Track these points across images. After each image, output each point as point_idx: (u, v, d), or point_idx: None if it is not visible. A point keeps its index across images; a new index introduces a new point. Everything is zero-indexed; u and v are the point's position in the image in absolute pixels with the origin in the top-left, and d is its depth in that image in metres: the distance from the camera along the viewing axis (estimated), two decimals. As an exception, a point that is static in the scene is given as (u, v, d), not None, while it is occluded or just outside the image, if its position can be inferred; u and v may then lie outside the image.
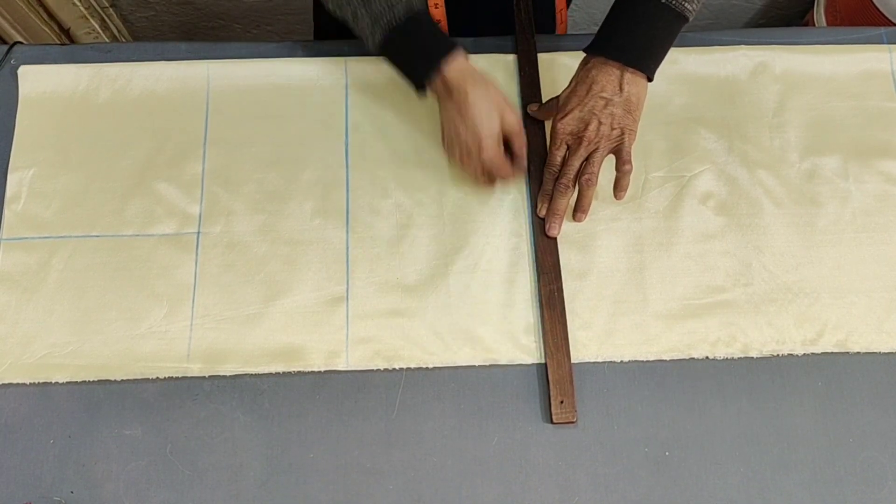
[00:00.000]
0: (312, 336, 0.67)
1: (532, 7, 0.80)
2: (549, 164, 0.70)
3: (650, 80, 0.68)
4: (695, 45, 0.79)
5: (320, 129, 0.75)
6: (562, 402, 0.65)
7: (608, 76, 0.66)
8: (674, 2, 0.65)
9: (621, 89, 0.66)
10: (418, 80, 0.68)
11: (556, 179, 0.70)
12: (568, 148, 0.69)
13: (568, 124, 0.68)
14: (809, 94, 0.77)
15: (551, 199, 0.70)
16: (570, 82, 0.69)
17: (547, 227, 0.70)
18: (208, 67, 0.77)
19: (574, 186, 0.70)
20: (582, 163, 0.69)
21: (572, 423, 0.65)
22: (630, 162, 0.69)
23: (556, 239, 0.70)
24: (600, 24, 0.69)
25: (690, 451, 0.65)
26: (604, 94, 0.66)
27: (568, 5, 0.87)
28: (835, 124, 0.76)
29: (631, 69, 0.66)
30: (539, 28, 0.80)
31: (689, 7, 0.66)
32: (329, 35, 0.85)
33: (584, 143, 0.68)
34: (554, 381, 0.65)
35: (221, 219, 0.71)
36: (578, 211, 0.71)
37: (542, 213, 0.71)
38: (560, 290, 0.68)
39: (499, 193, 0.73)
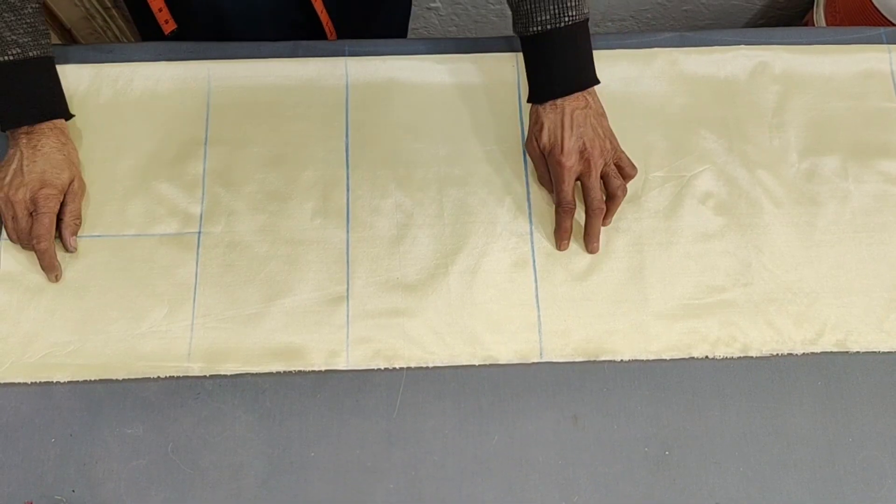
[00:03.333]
0: (313, 336, 0.68)
1: None
2: (563, 203, 0.69)
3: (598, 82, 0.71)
4: (695, 44, 0.79)
5: (320, 129, 0.75)
6: None
7: (574, 102, 0.69)
8: (572, 15, 0.67)
9: (588, 105, 0.69)
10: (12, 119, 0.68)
11: (590, 207, 0.69)
12: (577, 179, 0.69)
13: (570, 156, 0.68)
14: (809, 94, 0.78)
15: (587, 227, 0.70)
16: (537, 126, 0.70)
17: (561, 244, 0.71)
18: (209, 68, 0.77)
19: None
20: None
21: None
22: (635, 167, 0.71)
23: None
24: (530, 69, 0.71)
25: (690, 451, 0.65)
26: (579, 117, 0.68)
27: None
28: (834, 124, 0.77)
29: (585, 89, 0.69)
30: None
31: (583, 10, 0.68)
32: None
33: (594, 164, 0.68)
34: None
35: (222, 219, 0.71)
36: (594, 241, 0.70)
37: (566, 247, 0.71)
38: None
39: (499, 193, 0.73)
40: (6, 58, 0.67)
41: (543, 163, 0.71)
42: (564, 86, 0.69)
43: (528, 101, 0.72)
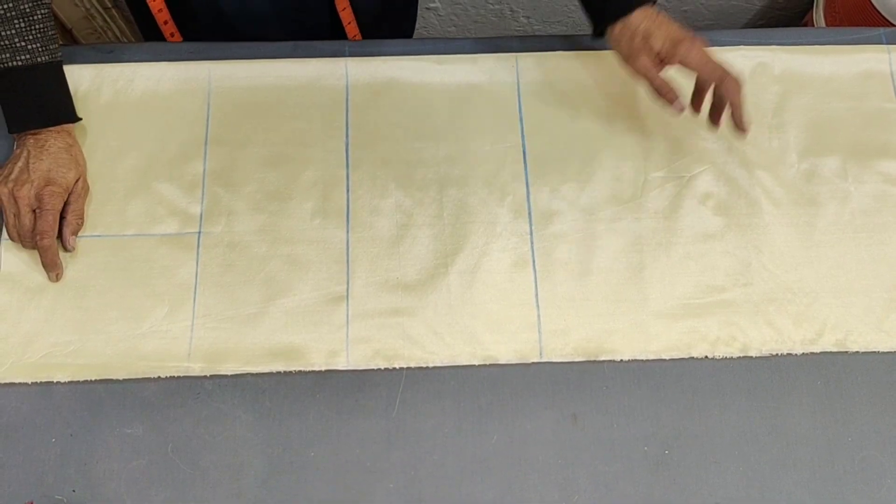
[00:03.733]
0: (313, 335, 0.68)
1: None
2: (726, 74, 0.67)
3: None
4: (694, 45, 0.79)
5: (320, 129, 0.75)
6: None
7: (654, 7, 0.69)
8: None
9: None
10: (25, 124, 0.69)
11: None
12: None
13: (695, 46, 0.67)
14: (809, 95, 0.78)
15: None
16: (638, 37, 0.68)
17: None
18: (209, 68, 0.77)
19: None
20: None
21: None
22: None
23: None
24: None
25: (690, 450, 0.65)
26: (665, 17, 0.69)
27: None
28: (834, 125, 0.77)
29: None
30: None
31: None
32: None
33: (698, 43, 0.68)
34: None
35: (222, 219, 0.71)
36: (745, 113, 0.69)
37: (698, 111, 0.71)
38: None
39: (499, 193, 0.73)
40: (15, 63, 0.67)
41: (660, 68, 0.69)
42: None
43: (610, 22, 0.69)
